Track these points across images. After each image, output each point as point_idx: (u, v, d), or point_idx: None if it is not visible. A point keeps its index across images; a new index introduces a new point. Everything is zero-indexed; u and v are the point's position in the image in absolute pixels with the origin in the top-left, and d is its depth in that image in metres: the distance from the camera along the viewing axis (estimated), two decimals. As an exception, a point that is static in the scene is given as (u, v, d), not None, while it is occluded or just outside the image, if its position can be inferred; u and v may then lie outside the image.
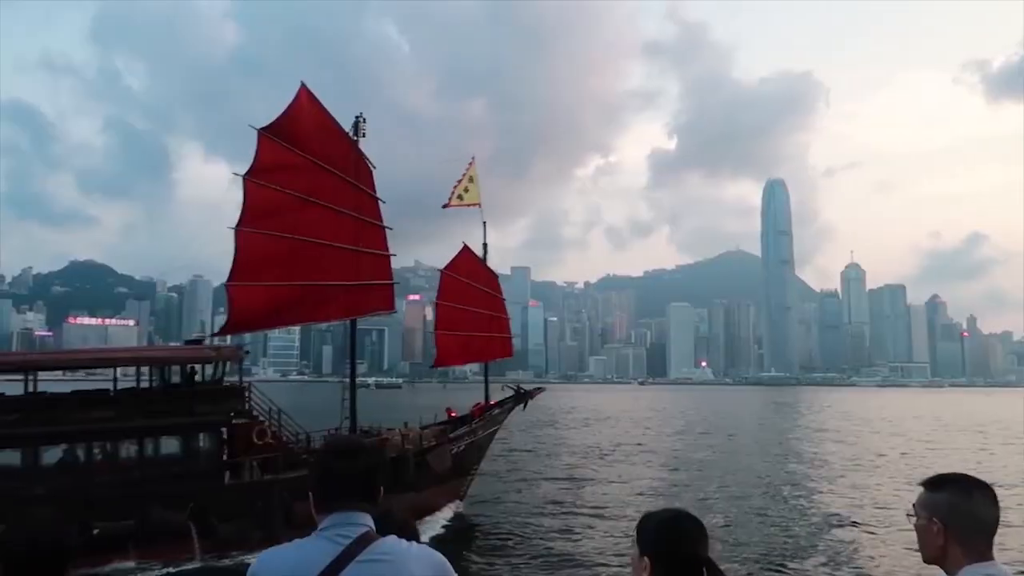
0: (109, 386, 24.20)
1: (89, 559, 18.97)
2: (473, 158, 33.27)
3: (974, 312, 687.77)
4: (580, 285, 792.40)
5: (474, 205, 32.50)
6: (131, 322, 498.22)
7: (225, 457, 23.78)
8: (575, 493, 34.65)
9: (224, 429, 23.76)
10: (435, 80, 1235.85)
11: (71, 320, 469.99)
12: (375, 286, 27.81)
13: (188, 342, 32.08)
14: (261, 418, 25.17)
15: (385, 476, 2.90)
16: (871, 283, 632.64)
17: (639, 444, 59.93)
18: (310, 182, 25.86)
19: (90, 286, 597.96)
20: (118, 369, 25.33)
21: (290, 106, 25.64)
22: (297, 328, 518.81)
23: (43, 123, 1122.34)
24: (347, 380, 28.44)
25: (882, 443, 63.48)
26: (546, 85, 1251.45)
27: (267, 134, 25.17)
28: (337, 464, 2.90)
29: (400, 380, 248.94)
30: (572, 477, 40.15)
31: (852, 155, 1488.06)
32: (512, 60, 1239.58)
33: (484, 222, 33.85)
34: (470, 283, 32.93)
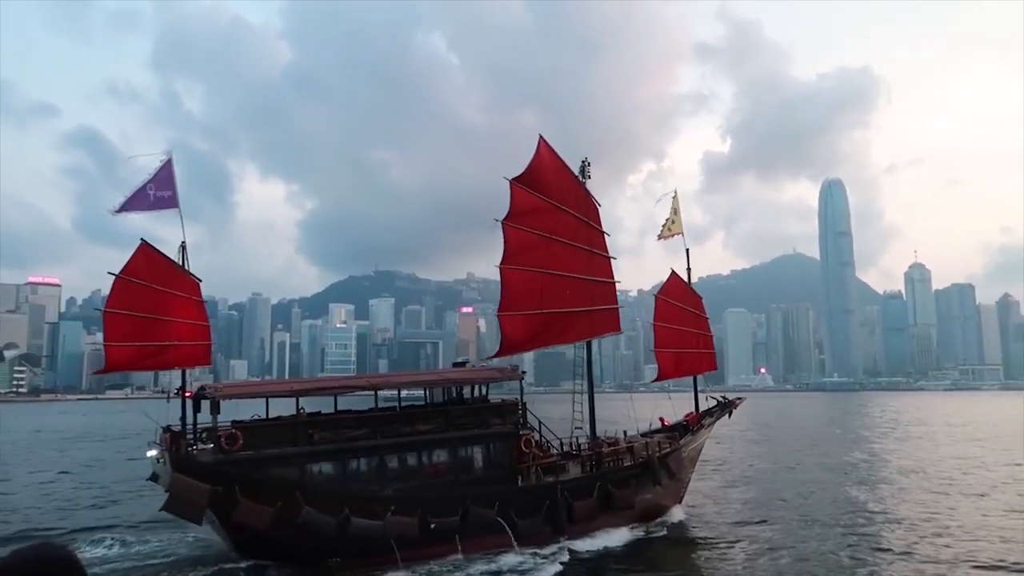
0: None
1: (429, 550, 23.42)
2: (675, 191, 36.99)
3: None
4: (634, 293, 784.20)
5: (679, 234, 36.10)
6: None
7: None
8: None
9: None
10: (485, 92, 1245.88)
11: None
12: (606, 311, 31.40)
13: (455, 364, 36.10)
14: (532, 429, 28.59)
15: None
16: (937, 283, 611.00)
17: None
18: (552, 222, 29.69)
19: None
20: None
21: (533, 157, 29.38)
22: (353, 342, 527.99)
23: (109, 148, 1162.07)
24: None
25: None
26: (597, 93, 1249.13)
27: (518, 183, 28.99)
28: None
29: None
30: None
31: (916, 151, 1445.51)
32: (561, 69, 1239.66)
33: (687, 249, 37.17)
34: (680, 305, 36.44)
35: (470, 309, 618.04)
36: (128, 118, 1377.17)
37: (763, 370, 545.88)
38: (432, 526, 23.55)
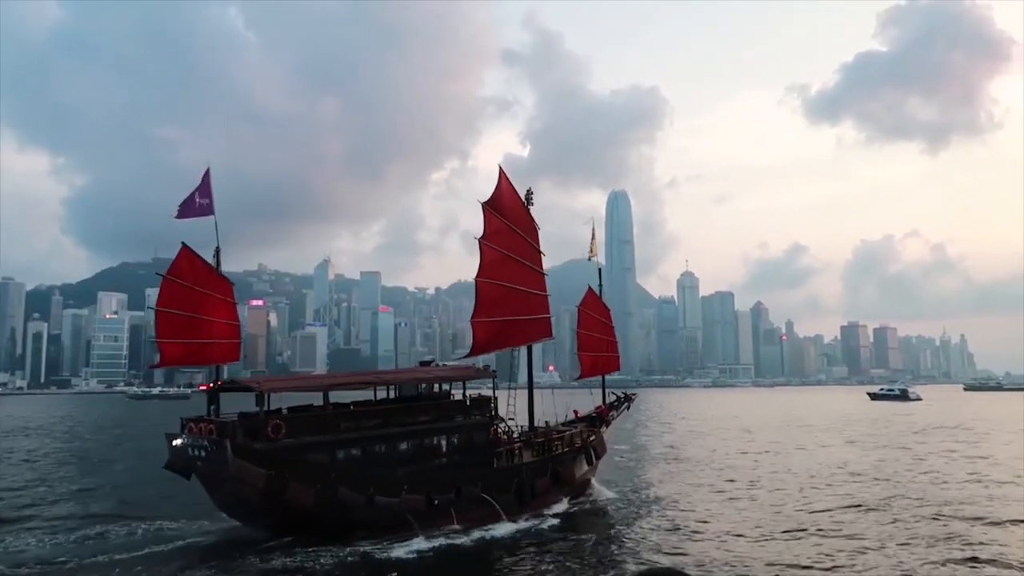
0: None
1: (432, 522, 27.36)
2: (592, 218, 43.71)
3: (792, 317, 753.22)
4: (431, 291, 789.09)
5: (595, 255, 42.86)
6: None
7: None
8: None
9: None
10: (286, 76, 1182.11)
11: None
12: (543, 319, 37.17)
13: (422, 363, 39.50)
14: (501, 419, 33.80)
15: None
16: (704, 290, 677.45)
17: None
18: (510, 242, 35.26)
19: None
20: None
21: (497, 185, 35.13)
22: (126, 334, 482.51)
23: None
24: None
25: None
26: (404, 87, 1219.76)
27: (489, 208, 34.55)
28: None
29: (189, 390, 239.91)
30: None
31: (693, 168, 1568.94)
32: (368, 60, 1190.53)
33: (600, 268, 43.95)
34: (596, 316, 43.53)
35: (260, 302, 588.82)
36: None
37: (551, 368, 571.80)
38: (435, 502, 27.61)
